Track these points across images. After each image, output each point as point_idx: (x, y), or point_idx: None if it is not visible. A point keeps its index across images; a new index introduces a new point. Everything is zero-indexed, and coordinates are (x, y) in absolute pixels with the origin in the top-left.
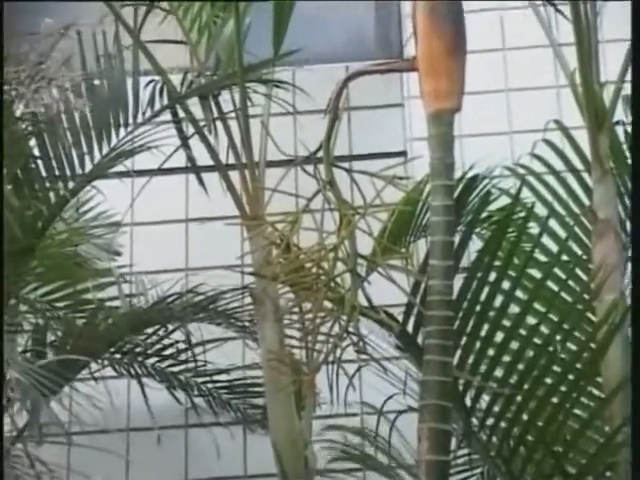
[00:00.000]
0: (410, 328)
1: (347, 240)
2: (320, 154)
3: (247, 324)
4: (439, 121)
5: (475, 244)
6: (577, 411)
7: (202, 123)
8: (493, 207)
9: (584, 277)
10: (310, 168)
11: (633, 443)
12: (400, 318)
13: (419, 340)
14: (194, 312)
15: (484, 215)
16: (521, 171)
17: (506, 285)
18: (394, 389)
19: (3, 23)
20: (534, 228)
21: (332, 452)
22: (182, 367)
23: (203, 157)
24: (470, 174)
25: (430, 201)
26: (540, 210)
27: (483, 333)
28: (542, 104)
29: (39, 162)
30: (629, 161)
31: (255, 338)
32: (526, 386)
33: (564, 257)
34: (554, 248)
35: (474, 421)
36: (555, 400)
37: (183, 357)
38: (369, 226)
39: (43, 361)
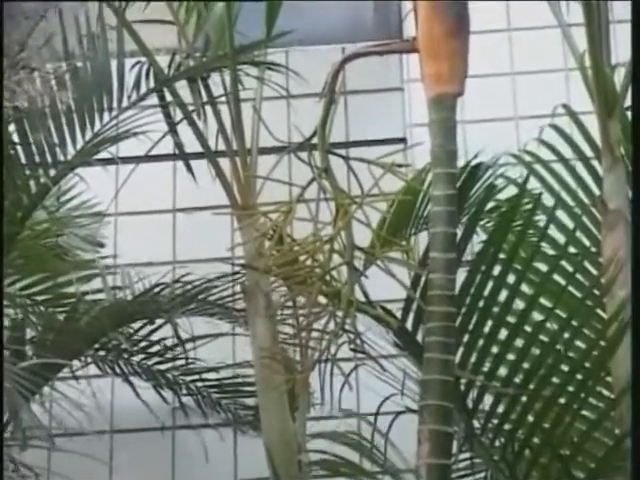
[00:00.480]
0: (409, 325)
1: (343, 231)
2: (315, 140)
3: (239, 313)
4: (441, 106)
5: (479, 236)
6: (585, 412)
7: (191, 107)
8: (498, 197)
9: (594, 271)
10: (304, 155)
11: (633, 443)
12: (399, 314)
13: (419, 337)
14: (182, 303)
15: (488, 205)
16: (527, 159)
17: (511, 279)
18: (392, 389)
19: (3, 23)
20: (541, 219)
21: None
22: (170, 365)
23: (192, 143)
24: (474, 162)
25: (431, 191)
26: (547, 200)
27: (486, 330)
28: (549, 88)
29: (19, 148)
30: None
31: (248, 328)
32: (531, 386)
33: (572, 250)
34: (562, 240)
35: (476, 423)
36: (562, 401)
37: (171, 354)
38: (367, 217)
39: (25, 363)
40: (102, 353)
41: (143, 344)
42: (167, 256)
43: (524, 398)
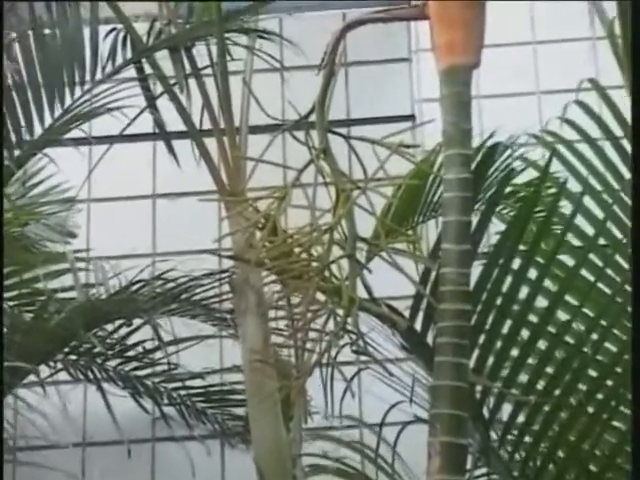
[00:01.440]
0: (418, 325)
1: (344, 220)
2: (312, 118)
3: (227, 315)
4: (453, 79)
5: (496, 225)
6: (616, 423)
7: (172, 81)
8: (518, 181)
9: (625, 265)
10: (301, 134)
11: (633, 443)
12: (407, 313)
13: (429, 339)
14: (164, 302)
15: (507, 191)
16: (550, 139)
17: (533, 274)
18: (399, 396)
19: (3, 23)
20: (566, 206)
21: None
22: (149, 370)
23: (174, 121)
24: (490, 142)
25: (443, 174)
26: (573, 185)
27: (505, 330)
28: (575, 59)
29: None
30: None
31: (236, 334)
32: (556, 393)
33: (601, 241)
34: (590, 230)
35: (494, 434)
36: (590, 410)
37: (150, 359)
38: (371, 203)
39: None
40: (73, 357)
41: (119, 347)
42: (146, 248)
43: (547, 407)
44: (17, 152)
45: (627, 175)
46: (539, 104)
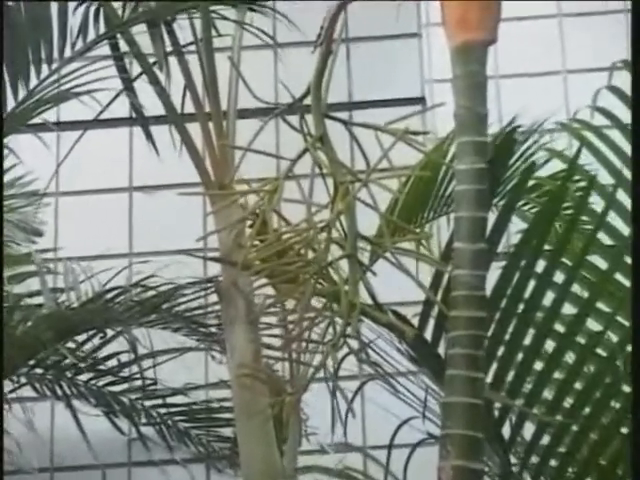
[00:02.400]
0: (428, 334)
1: (344, 216)
2: (308, 101)
3: (213, 329)
4: (467, 57)
5: (517, 223)
6: None
7: (151, 59)
8: (542, 174)
9: None
10: (295, 120)
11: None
12: (415, 320)
13: (440, 349)
14: (142, 313)
15: (529, 184)
16: (579, 126)
17: (559, 278)
18: (407, 412)
19: (3, 23)
20: (597, 202)
21: None
22: (125, 386)
23: (153, 104)
24: (510, 128)
25: (455, 164)
26: (605, 178)
27: (527, 341)
28: (605, 35)
29: None
30: None
31: (223, 348)
32: (585, 412)
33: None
34: (624, 229)
35: (514, 458)
36: (623, 430)
37: (127, 372)
38: (373, 198)
39: None
40: (40, 370)
41: (92, 360)
42: (122, 247)
43: (575, 427)
44: None
45: None
46: (565, 85)
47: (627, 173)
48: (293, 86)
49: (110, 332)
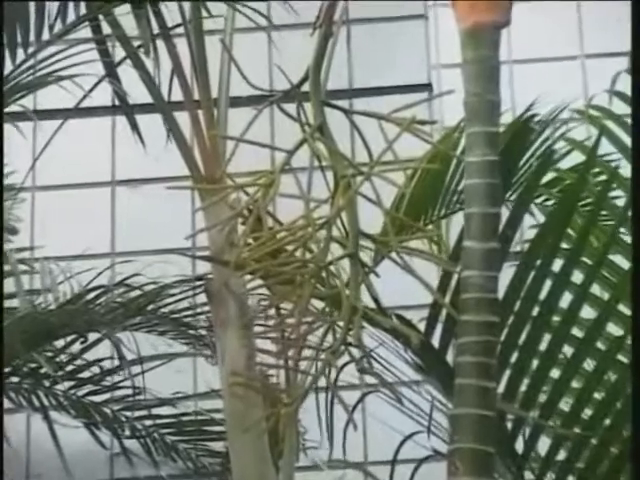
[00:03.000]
0: (436, 340)
1: (345, 212)
2: (306, 87)
3: (203, 333)
4: (478, 40)
5: (532, 218)
6: None
7: (136, 42)
8: (559, 166)
9: None
10: (292, 108)
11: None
12: (421, 325)
13: (448, 357)
14: (126, 315)
15: (548, 178)
16: (598, 114)
17: (578, 278)
18: (411, 426)
19: (3, 24)
20: (619, 196)
21: None
22: (108, 396)
23: (138, 92)
24: (525, 117)
25: (466, 156)
26: (627, 169)
27: (543, 347)
28: (626, 18)
29: None
30: None
31: (213, 352)
32: (606, 424)
33: None
34: None
35: (529, 474)
36: None
37: (109, 381)
38: (377, 193)
39: None
40: (15, 379)
41: (71, 368)
42: (104, 246)
43: (595, 441)
44: None
45: None
46: (583, 70)
47: None
48: (290, 71)
49: (92, 336)
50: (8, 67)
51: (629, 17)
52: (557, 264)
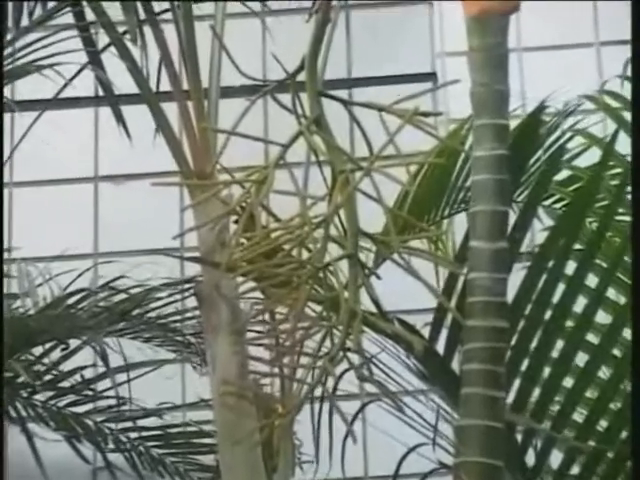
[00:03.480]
0: (441, 346)
1: (344, 210)
2: (302, 77)
3: (192, 340)
4: (485, 27)
5: (543, 219)
6: None
7: (122, 29)
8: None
9: None
10: (287, 99)
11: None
12: (425, 331)
13: (454, 364)
14: (110, 320)
15: (563, 175)
16: (614, 104)
17: (592, 281)
18: (414, 438)
19: (3, 24)
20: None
21: None
22: (90, 406)
23: (123, 81)
24: (536, 108)
25: (473, 150)
26: None
27: (555, 354)
28: None
29: None
30: None
31: (203, 360)
32: (622, 436)
33: None
34: None
35: None
36: None
37: (92, 391)
38: (378, 190)
39: None
40: None
41: (51, 376)
42: (87, 246)
43: (611, 454)
44: None
45: None
46: (598, 58)
47: None
48: (285, 60)
49: (73, 343)
50: None
51: None
52: (571, 266)
